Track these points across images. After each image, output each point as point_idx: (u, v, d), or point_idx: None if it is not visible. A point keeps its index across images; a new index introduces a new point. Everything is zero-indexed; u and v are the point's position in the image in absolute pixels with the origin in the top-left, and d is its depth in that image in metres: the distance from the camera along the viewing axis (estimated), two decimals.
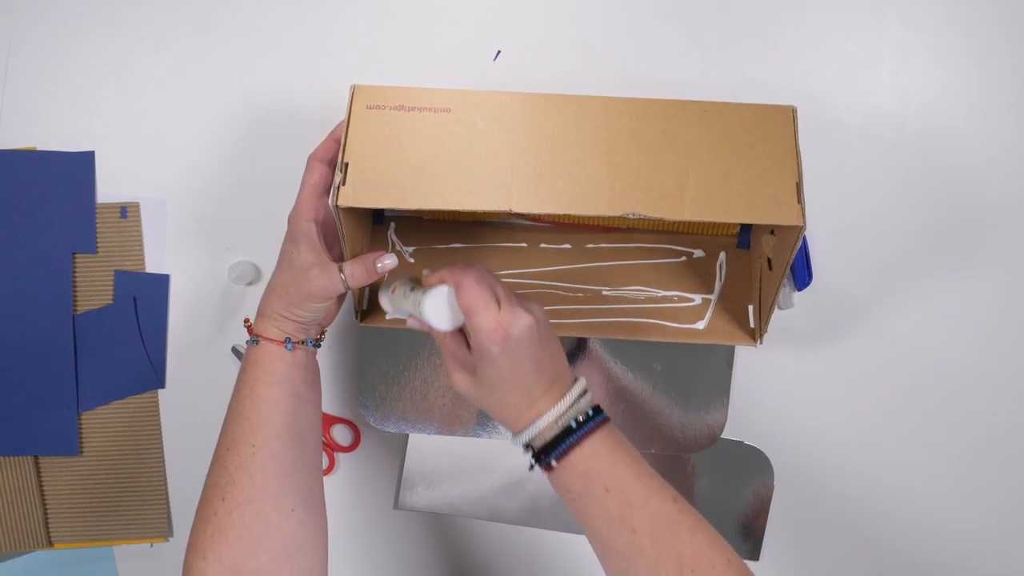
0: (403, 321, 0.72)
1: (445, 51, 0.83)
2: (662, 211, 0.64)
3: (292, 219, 0.71)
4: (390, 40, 0.83)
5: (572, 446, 0.63)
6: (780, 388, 0.86)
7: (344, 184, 0.64)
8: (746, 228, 0.82)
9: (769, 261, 0.75)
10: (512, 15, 0.83)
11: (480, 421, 0.86)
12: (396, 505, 0.89)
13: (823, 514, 0.88)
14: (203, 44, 0.82)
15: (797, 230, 0.64)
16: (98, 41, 0.82)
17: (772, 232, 0.74)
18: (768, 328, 0.75)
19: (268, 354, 0.70)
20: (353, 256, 0.71)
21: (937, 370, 0.84)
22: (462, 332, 0.67)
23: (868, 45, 0.80)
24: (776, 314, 0.84)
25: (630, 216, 0.64)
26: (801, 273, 0.82)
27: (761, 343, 0.76)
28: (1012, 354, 0.86)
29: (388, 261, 0.71)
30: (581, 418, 0.64)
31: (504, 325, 0.62)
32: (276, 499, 0.68)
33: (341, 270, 0.69)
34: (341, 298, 0.75)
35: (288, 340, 0.70)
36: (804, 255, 0.82)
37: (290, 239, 0.71)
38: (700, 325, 0.78)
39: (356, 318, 0.78)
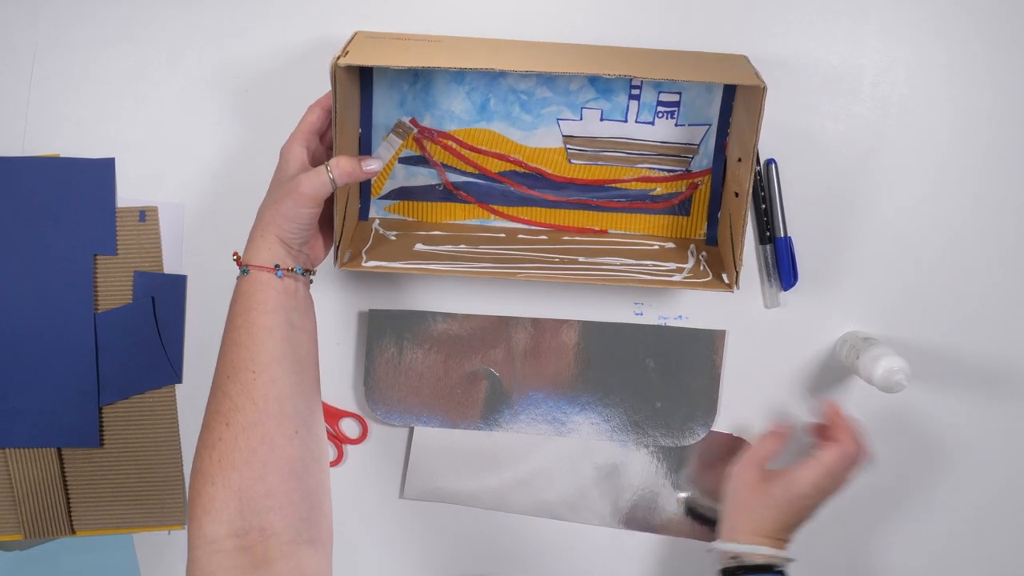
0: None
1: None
2: (638, 72, 0.71)
3: (284, 148, 0.72)
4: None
5: None
6: (767, 382, 0.88)
7: (345, 56, 0.70)
8: (712, 225, 0.84)
9: (736, 194, 0.78)
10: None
11: (484, 415, 0.88)
12: (401, 495, 0.91)
13: None
14: (217, 57, 0.83)
15: (759, 95, 0.71)
16: (118, 54, 0.82)
17: (739, 160, 0.77)
18: (742, 263, 0.76)
19: (259, 283, 0.69)
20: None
21: (917, 362, 0.84)
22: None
23: (850, 57, 0.82)
24: (764, 312, 0.87)
25: (614, 77, 0.72)
26: (787, 274, 0.84)
27: (738, 288, 0.77)
28: (995, 352, 0.88)
29: (374, 166, 0.72)
30: (779, 566, 0.77)
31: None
32: (280, 422, 0.66)
33: (328, 169, 0.69)
34: (328, 241, 0.75)
35: (277, 267, 0.69)
36: (790, 256, 0.84)
37: (280, 164, 0.72)
38: (677, 278, 0.79)
39: (335, 264, 0.77)
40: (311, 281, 0.73)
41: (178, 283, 0.87)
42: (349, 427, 0.91)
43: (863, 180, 0.84)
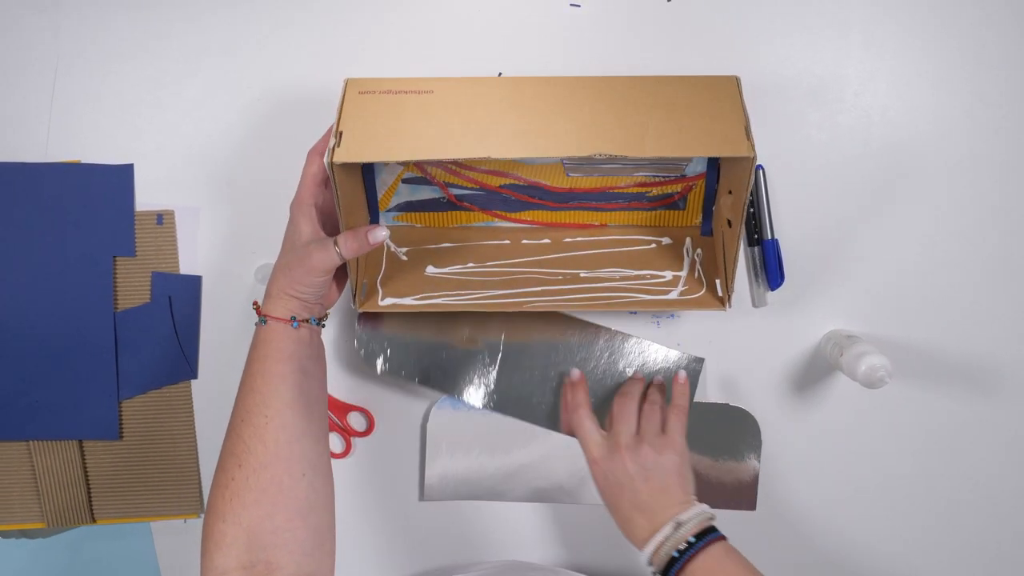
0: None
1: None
2: (626, 150, 0.70)
3: (294, 206, 0.74)
4: (407, 63, 0.86)
5: (685, 563, 0.73)
6: (755, 378, 0.91)
7: (339, 147, 0.70)
8: (708, 218, 0.87)
9: (729, 222, 0.80)
10: (507, 34, 0.85)
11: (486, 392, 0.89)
12: (422, 497, 0.92)
13: (811, 469, 0.92)
14: (231, 66, 0.84)
15: (749, 163, 0.71)
16: (137, 64, 0.84)
17: (730, 192, 0.79)
18: (734, 288, 0.79)
19: (276, 333, 0.72)
20: (348, 228, 0.74)
21: (898, 359, 0.87)
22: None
23: (834, 68, 0.83)
24: (752, 312, 0.89)
25: (597, 157, 0.70)
26: (774, 275, 0.86)
27: (730, 306, 0.80)
28: (974, 350, 0.89)
29: (381, 234, 0.73)
30: (683, 546, 0.74)
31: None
32: (288, 464, 0.69)
33: (336, 244, 0.71)
34: (341, 284, 0.78)
35: (294, 319, 0.72)
36: (777, 258, 0.86)
37: (292, 223, 0.74)
38: (672, 296, 0.82)
39: (353, 304, 0.80)
40: (323, 326, 0.76)
41: (194, 283, 0.88)
42: (356, 420, 0.93)
43: (847, 185, 0.86)
